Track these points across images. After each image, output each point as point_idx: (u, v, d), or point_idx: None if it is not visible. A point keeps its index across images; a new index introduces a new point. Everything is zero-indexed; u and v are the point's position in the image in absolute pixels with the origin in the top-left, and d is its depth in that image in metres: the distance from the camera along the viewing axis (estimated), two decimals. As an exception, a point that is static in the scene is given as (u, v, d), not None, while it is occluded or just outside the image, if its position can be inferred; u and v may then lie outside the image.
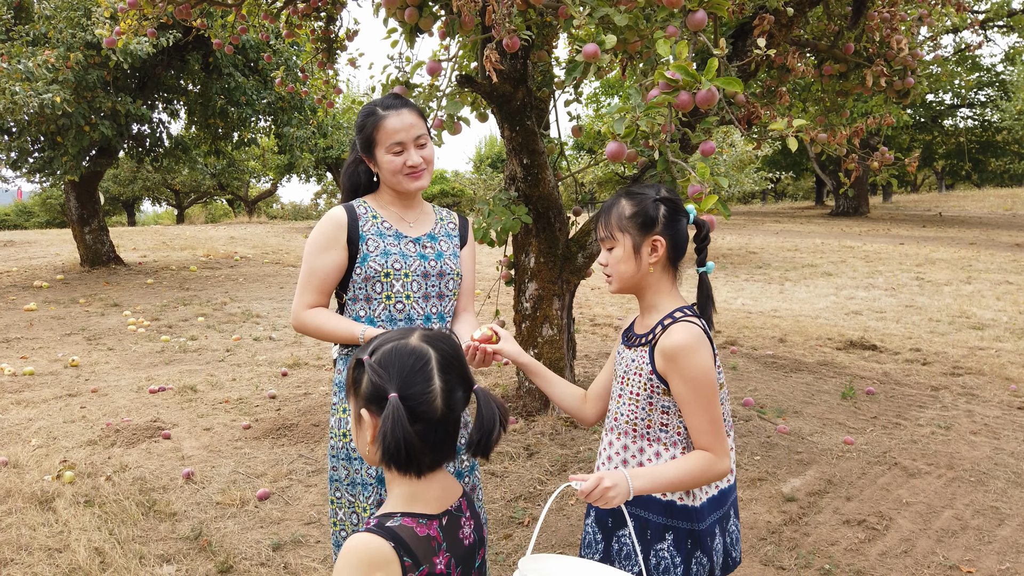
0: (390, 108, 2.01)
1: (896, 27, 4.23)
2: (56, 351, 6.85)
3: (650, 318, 1.76)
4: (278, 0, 5.18)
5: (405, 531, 1.21)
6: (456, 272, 2.11)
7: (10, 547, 3.10)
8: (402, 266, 2.02)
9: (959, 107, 25.66)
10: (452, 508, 1.31)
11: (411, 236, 2.08)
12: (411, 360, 1.26)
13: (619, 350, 1.83)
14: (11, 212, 34.40)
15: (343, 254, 2.03)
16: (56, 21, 9.28)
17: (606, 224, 1.74)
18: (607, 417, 1.82)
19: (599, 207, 10.78)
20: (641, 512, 1.69)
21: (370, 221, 2.06)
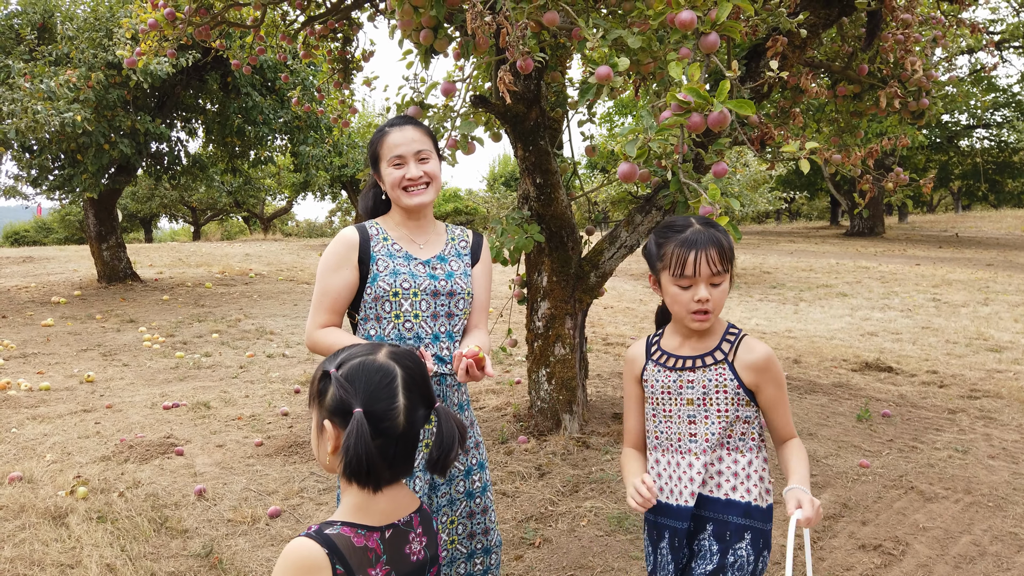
0: (395, 125, 2.10)
1: (910, 48, 4.23)
2: (72, 367, 6.90)
3: (707, 339, 1.81)
4: (296, 21, 5.26)
5: (341, 540, 1.24)
6: (467, 291, 2.12)
7: (23, 562, 3.11)
8: (411, 285, 2.04)
9: (975, 128, 25.54)
10: (400, 522, 1.33)
11: (420, 258, 2.11)
12: (377, 376, 1.29)
13: (660, 376, 1.84)
14: (30, 228, 34.85)
15: (354, 273, 2.06)
16: (78, 42, 9.45)
17: (721, 259, 1.73)
18: (673, 440, 1.84)
19: (610, 225, 10.67)
20: (722, 515, 1.79)
21: (381, 242, 2.09)
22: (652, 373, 1.86)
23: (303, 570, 1.20)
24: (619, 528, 3.41)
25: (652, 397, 1.86)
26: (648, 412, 1.89)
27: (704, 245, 1.70)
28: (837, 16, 4.20)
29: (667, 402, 1.83)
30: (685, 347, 1.83)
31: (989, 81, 23.16)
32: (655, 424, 1.86)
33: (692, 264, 1.69)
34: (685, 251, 1.70)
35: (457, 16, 3.03)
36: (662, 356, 1.85)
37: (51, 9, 10.22)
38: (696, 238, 1.71)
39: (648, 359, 1.88)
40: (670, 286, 1.76)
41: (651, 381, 1.86)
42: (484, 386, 5.97)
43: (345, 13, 5.03)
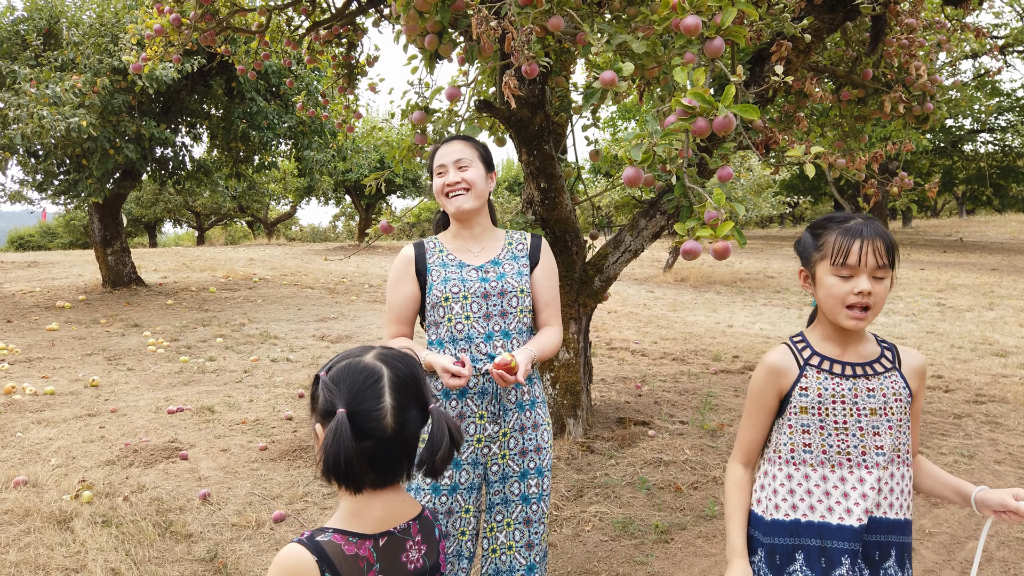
0: (444, 142, 2.27)
1: (915, 53, 4.23)
2: (77, 371, 6.92)
3: (867, 345, 1.73)
4: (301, 27, 5.28)
5: (332, 547, 1.22)
6: (519, 289, 2.20)
7: (28, 567, 3.12)
8: (460, 289, 2.17)
9: (979, 132, 25.50)
10: (396, 530, 1.30)
11: (474, 264, 2.23)
12: (362, 377, 1.27)
13: (829, 384, 1.68)
14: (35, 233, 34.96)
15: (414, 286, 2.24)
16: (84, 47, 9.49)
17: (887, 252, 1.62)
18: (853, 454, 1.68)
19: (614, 230, 10.68)
20: (900, 537, 1.69)
21: (436, 255, 2.26)
22: (816, 381, 1.69)
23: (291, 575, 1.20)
24: (624, 533, 3.40)
25: (817, 407, 1.68)
26: (801, 425, 1.70)
27: (871, 235, 1.60)
28: (841, 21, 4.20)
29: (840, 412, 1.67)
30: (850, 353, 1.71)
31: (993, 85, 23.13)
32: (821, 437, 1.68)
33: (857, 252, 1.58)
34: (850, 239, 1.59)
35: (462, 21, 3.03)
36: (825, 362, 1.70)
37: (57, 15, 10.26)
38: (862, 228, 1.61)
39: (805, 366, 1.71)
40: (827, 277, 1.64)
41: (815, 390, 1.69)
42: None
43: (350, 18, 5.05)
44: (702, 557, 3.20)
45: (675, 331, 9.14)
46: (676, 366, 7.00)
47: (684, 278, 14.54)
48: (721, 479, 3.97)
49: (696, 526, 3.47)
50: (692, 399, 5.64)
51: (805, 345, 1.74)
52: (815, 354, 1.71)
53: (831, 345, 1.72)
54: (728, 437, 4.62)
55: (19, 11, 10.29)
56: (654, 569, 3.10)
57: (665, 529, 3.42)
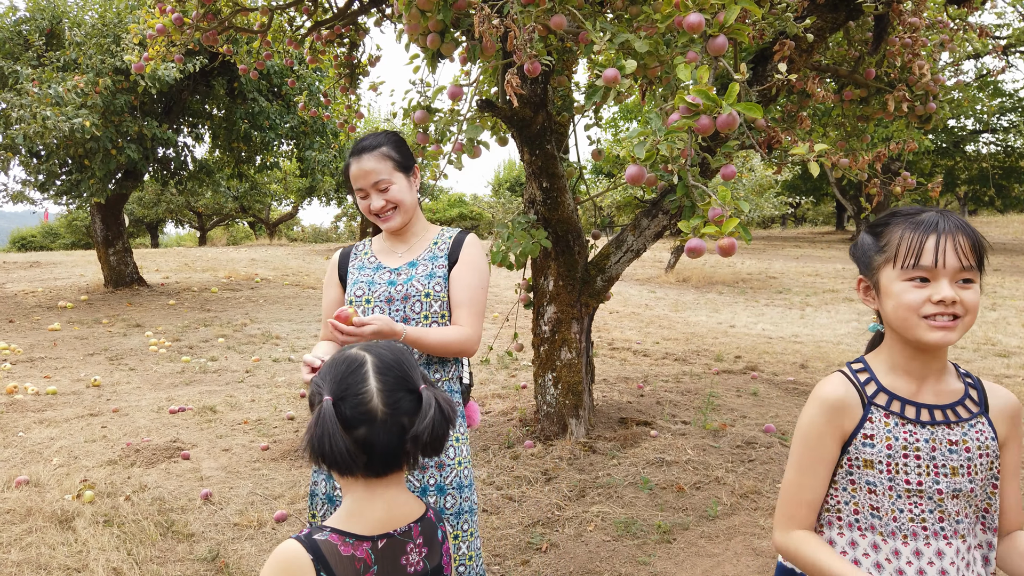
0: (352, 156, 2.12)
1: (917, 52, 4.22)
2: (79, 371, 6.92)
3: (948, 380, 1.37)
4: (302, 27, 5.27)
5: (328, 547, 1.22)
6: (424, 293, 2.06)
7: (30, 566, 3.12)
8: (364, 292, 2.10)
9: (981, 133, 25.47)
10: (396, 532, 1.29)
11: (391, 267, 2.15)
12: (344, 365, 1.29)
13: (899, 433, 1.33)
14: (37, 234, 35.00)
15: (338, 290, 2.23)
16: (86, 47, 9.49)
17: (972, 249, 1.28)
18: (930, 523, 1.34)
19: (616, 230, 10.66)
20: None
21: (360, 258, 2.22)
22: (884, 428, 1.34)
23: (287, 573, 1.20)
24: (626, 533, 3.40)
25: (886, 463, 1.33)
26: (866, 482, 1.35)
27: (949, 229, 1.27)
28: (844, 20, 4.19)
29: (914, 470, 1.32)
30: (927, 392, 1.35)
31: (995, 86, 23.11)
32: (890, 501, 1.33)
33: (933, 251, 1.26)
34: (922, 235, 1.27)
35: (464, 20, 3.03)
36: (895, 403, 1.34)
37: (59, 15, 10.27)
38: (937, 220, 1.28)
39: (870, 406, 1.35)
40: (895, 283, 1.30)
41: (882, 440, 1.33)
42: (490, 391, 5.96)
43: (351, 18, 5.04)
44: (704, 557, 3.19)
45: (677, 331, 9.13)
46: (678, 366, 6.99)
47: (686, 278, 14.53)
48: (723, 479, 3.96)
49: (698, 526, 3.47)
50: (694, 399, 5.63)
51: (869, 377, 1.37)
52: (881, 390, 1.35)
53: (903, 379, 1.35)
54: (730, 437, 4.61)
55: (21, 11, 10.30)
56: (656, 569, 3.09)
57: (667, 529, 3.42)
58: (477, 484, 4.02)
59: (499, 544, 3.33)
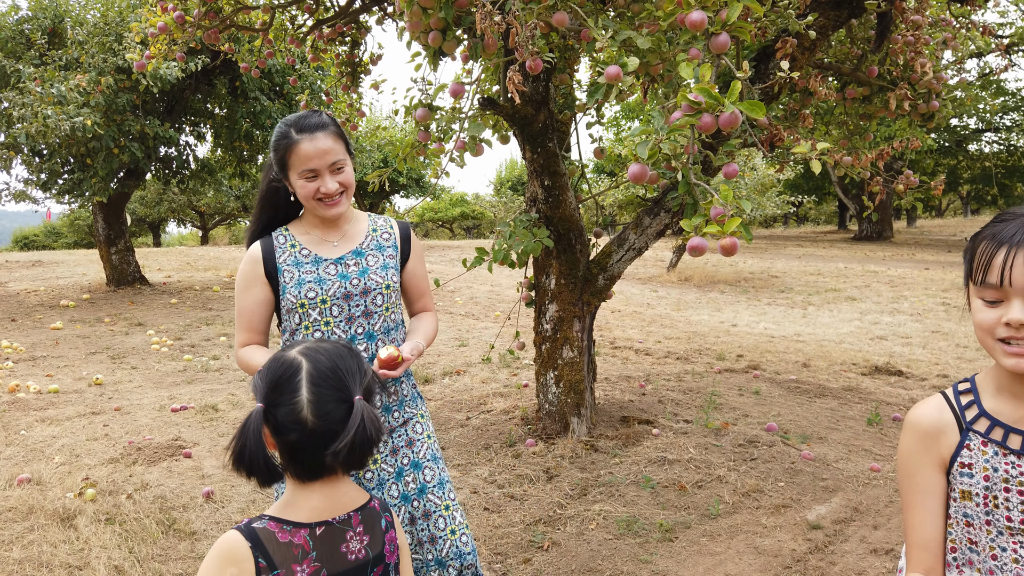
0: (304, 132, 1.91)
1: (920, 50, 4.21)
2: (81, 369, 6.92)
3: None
4: (304, 25, 5.27)
5: (265, 534, 1.27)
6: (384, 285, 2.02)
7: (31, 564, 3.12)
8: (317, 293, 1.96)
9: (984, 132, 25.44)
10: (335, 520, 1.32)
11: (332, 258, 2.02)
12: (280, 371, 1.31)
13: (1000, 464, 1.18)
14: (40, 233, 35.06)
15: (264, 290, 2.01)
16: (88, 46, 9.50)
17: None
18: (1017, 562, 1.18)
19: (617, 228, 10.59)
20: None
21: (287, 251, 2.02)
22: (982, 457, 1.20)
23: (226, 560, 1.24)
24: (628, 532, 3.39)
25: (983, 495, 1.19)
26: (963, 515, 1.21)
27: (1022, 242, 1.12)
28: (847, 18, 4.19)
29: (1016, 505, 1.16)
30: None
31: (998, 85, 23.07)
32: (989, 537, 1.19)
33: (1000, 267, 1.12)
34: (994, 248, 1.13)
35: (465, 18, 3.03)
36: (996, 429, 1.19)
37: (61, 14, 10.28)
38: (1015, 232, 1.12)
39: (968, 431, 1.22)
40: (974, 299, 1.19)
41: (980, 469, 1.19)
42: (492, 389, 5.95)
43: (353, 17, 5.04)
44: (706, 556, 3.18)
45: (679, 330, 9.13)
46: (680, 365, 6.99)
47: (688, 277, 14.52)
48: (725, 478, 3.96)
49: (700, 525, 3.46)
50: (696, 398, 5.62)
51: (972, 400, 1.23)
52: (983, 414, 1.21)
53: (1008, 402, 1.19)
54: (732, 436, 4.61)
55: (24, 10, 10.32)
56: (658, 568, 3.09)
57: (669, 528, 3.41)
58: (478, 482, 4.02)
59: (501, 542, 3.33)
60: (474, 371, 6.70)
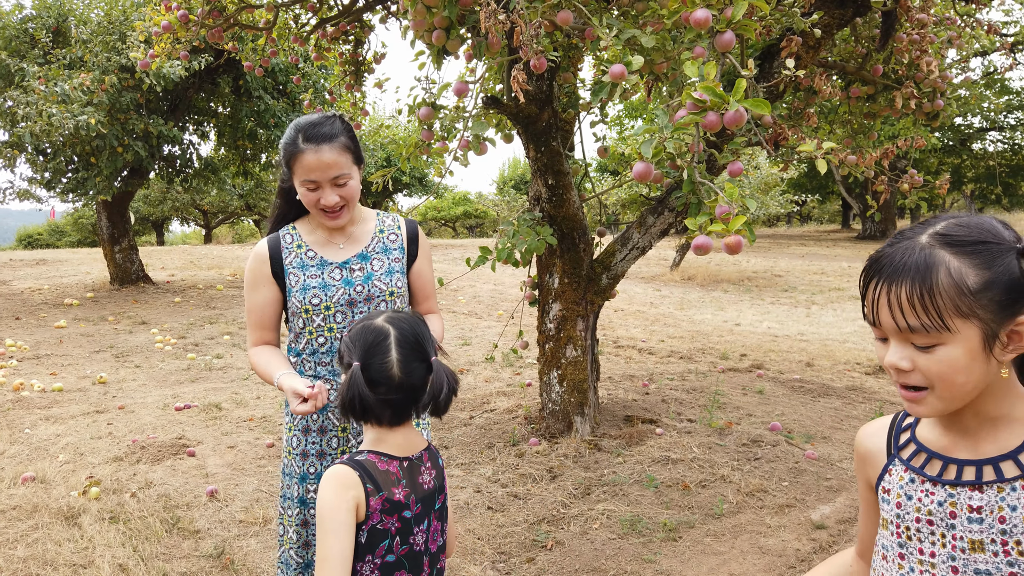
0: (310, 141, 1.89)
1: (925, 49, 4.20)
2: (85, 368, 6.93)
3: (1005, 432, 1.04)
4: (308, 24, 5.27)
5: (369, 464, 1.51)
6: (388, 291, 2.01)
7: (36, 562, 3.12)
8: (322, 300, 1.96)
9: (988, 130, 25.36)
10: (413, 457, 1.58)
11: (337, 261, 2.00)
12: (372, 336, 1.53)
13: (915, 491, 1.09)
14: (44, 231, 35.11)
15: (273, 288, 2.01)
16: (92, 45, 9.51)
17: (926, 307, 0.97)
18: None
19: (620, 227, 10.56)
20: None
21: (293, 252, 2.01)
22: (899, 483, 1.12)
23: (343, 486, 1.45)
24: (632, 531, 3.39)
25: (895, 524, 1.11)
26: (884, 542, 1.14)
27: (887, 273, 1.01)
28: (851, 16, 4.17)
29: (927, 539, 1.07)
30: (965, 445, 1.07)
31: (1002, 83, 23.00)
32: (900, 572, 1.11)
33: (869, 303, 1.04)
34: (865, 280, 1.04)
35: (469, 17, 3.02)
36: (919, 455, 1.11)
37: (65, 13, 10.29)
38: (884, 265, 1.02)
39: (894, 455, 1.15)
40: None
41: (896, 496, 1.12)
42: (495, 388, 5.95)
43: (357, 15, 5.04)
44: (710, 555, 3.18)
45: (682, 329, 9.12)
46: (683, 364, 6.98)
47: (691, 276, 14.50)
48: (729, 477, 3.95)
49: (704, 524, 3.46)
50: (700, 397, 5.62)
51: (912, 423, 1.16)
52: (913, 439, 1.13)
53: (939, 430, 1.10)
54: (736, 435, 4.60)
55: (28, 9, 10.33)
56: (662, 567, 3.09)
57: (673, 527, 3.41)
58: (482, 481, 4.02)
59: (504, 541, 3.33)
60: (477, 370, 6.70)
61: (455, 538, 1.86)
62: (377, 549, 1.48)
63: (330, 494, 1.44)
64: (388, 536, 1.50)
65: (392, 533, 1.50)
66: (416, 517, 1.54)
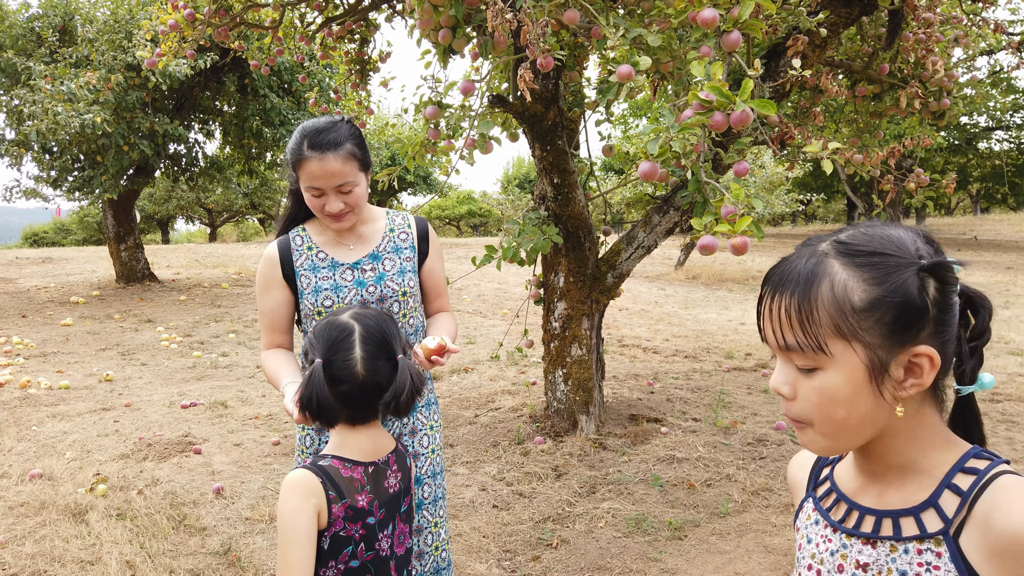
0: (315, 149, 1.86)
1: (932, 48, 4.19)
2: (91, 366, 6.96)
3: (917, 482, 0.90)
4: (313, 23, 5.28)
5: (332, 470, 1.48)
6: (401, 291, 2.00)
7: (44, 559, 3.14)
8: (334, 302, 1.95)
9: (994, 130, 25.27)
10: (379, 461, 1.56)
11: (348, 262, 1.99)
12: (336, 332, 1.50)
13: (818, 533, 0.98)
14: (49, 230, 35.23)
15: (284, 291, 2.00)
16: (98, 44, 9.54)
17: (803, 322, 0.86)
18: None
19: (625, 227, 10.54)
20: None
21: (304, 254, 2.00)
22: (806, 523, 1.01)
23: (304, 492, 1.41)
24: (637, 530, 3.39)
25: (798, 567, 1.01)
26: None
27: (776, 284, 0.90)
28: (858, 15, 4.17)
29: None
30: (870, 491, 0.94)
31: (1008, 82, 22.90)
32: None
33: (760, 316, 0.93)
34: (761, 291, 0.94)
35: (476, 16, 3.03)
36: (829, 495, 1.00)
37: (71, 12, 10.32)
38: (778, 278, 0.90)
39: (811, 491, 1.04)
40: None
41: (801, 536, 1.01)
42: (500, 387, 5.96)
43: (363, 14, 5.04)
44: (716, 554, 3.18)
45: (687, 328, 9.11)
46: (688, 363, 6.98)
47: (695, 276, 14.49)
48: (735, 476, 3.95)
49: (710, 523, 3.46)
50: (705, 396, 5.62)
51: (839, 458, 1.04)
52: (830, 478, 1.02)
53: (853, 470, 0.99)
54: (741, 434, 4.60)
55: (34, 8, 10.36)
56: (667, 566, 3.09)
57: (678, 526, 3.41)
58: (487, 480, 4.02)
59: (509, 540, 3.34)
60: (482, 369, 6.70)
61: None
62: (340, 555, 1.46)
63: (291, 503, 1.41)
64: (351, 543, 1.47)
65: (356, 540, 1.48)
66: (380, 523, 1.52)
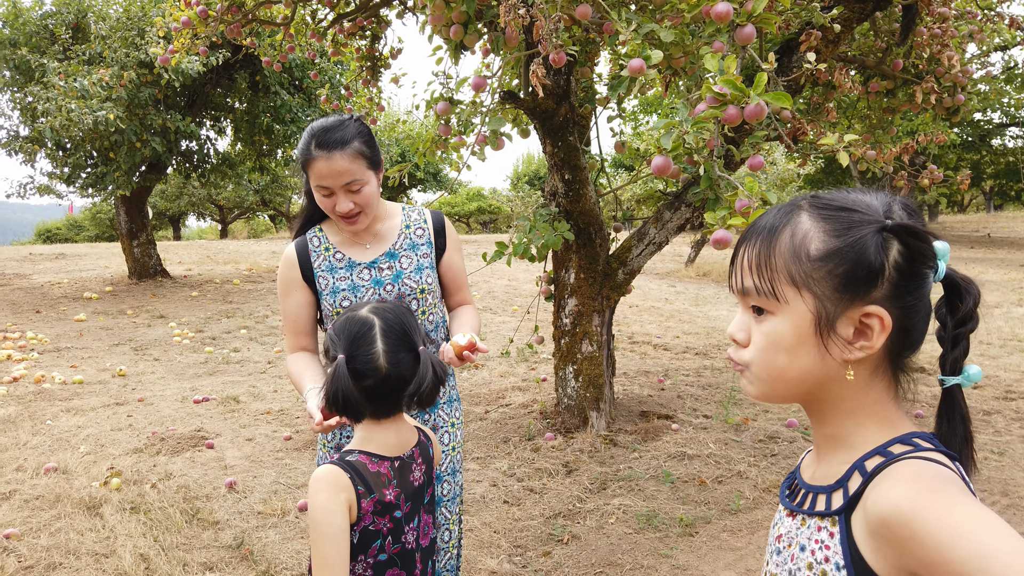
0: (322, 148, 1.85)
1: (946, 43, 4.15)
2: (104, 361, 7.01)
3: (835, 458, 0.89)
4: (325, 19, 5.29)
5: (360, 465, 1.49)
6: (419, 288, 1.99)
7: (59, 551, 3.17)
8: (352, 302, 1.95)
9: (1008, 126, 25.04)
10: (404, 456, 1.57)
11: (365, 261, 1.98)
12: (356, 327, 1.50)
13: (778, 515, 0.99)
14: (63, 226, 35.46)
15: (305, 293, 2.00)
16: (111, 41, 9.59)
17: (760, 266, 0.88)
18: None
19: (636, 223, 10.54)
20: None
21: (321, 255, 2.00)
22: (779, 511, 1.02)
23: (334, 487, 1.43)
24: (648, 526, 3.39)
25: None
26: None
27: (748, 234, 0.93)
28: (871, 11, 4.14)
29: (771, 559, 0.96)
30: (813, 468, 0.95)
31: (1023, 79, 22.68)
32: None
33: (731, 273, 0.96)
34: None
35: (487, 12, 3.03)
36: (793, 480, 1.00)
37: (85, 9, 10.38)
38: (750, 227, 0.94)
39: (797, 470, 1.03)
40: None
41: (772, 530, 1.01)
42: (510, 383, 5.96)
43: (374, 11, 5.05)
44: (727, 551, 3.18)
45: (697, 325, 9.09)
46: (699, 360, 6.96)
47: (706, 273, 14.44)
48: (746, 473, 3.94)
49: (721, 520, 3.45)
50: (715, 393, 5.60)
51: None
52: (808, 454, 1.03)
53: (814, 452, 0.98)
54: (752, 431, 4.59)
55: (48, 5, 10.42)
56: (679, 562, 3.09)
57: (690, 522, 3.41)
58: (498, 475, 4.03)
59: (520, 535, 3.34)
60: (492, 365, 6.71)
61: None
62: (369, 549, 1.49)
63: (324, 497, 1.42)
64: (380, 536, 1.49)
65: (384, 533, 1.50)
66: (406, 516, 1.54)
